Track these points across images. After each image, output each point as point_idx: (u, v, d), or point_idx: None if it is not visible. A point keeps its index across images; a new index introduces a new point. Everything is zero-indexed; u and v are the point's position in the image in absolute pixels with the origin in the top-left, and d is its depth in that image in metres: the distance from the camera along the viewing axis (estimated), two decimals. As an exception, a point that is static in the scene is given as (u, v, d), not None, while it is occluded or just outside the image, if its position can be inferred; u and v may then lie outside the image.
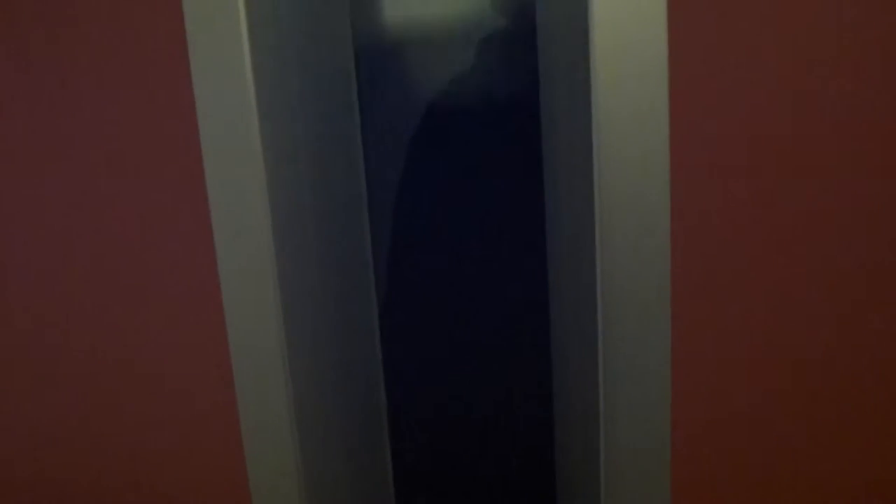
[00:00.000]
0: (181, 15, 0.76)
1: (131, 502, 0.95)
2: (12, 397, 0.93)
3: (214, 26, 0.74)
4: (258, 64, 0.77)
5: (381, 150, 1.12)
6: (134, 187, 0.84)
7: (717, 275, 0.78)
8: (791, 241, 0.77)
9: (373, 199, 1.15)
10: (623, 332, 0.78)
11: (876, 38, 0.72)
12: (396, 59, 1.09)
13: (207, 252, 0.83)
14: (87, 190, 0.85)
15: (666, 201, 0.75)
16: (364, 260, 1.12)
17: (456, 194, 1.14)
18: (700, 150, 0.75)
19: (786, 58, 0.73)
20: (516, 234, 1.15)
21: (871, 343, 0.79)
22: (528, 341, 1.18)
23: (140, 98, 0.81)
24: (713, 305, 0.79)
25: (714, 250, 0.77)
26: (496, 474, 1.24)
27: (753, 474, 0.83)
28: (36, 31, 0.81)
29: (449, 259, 1.17)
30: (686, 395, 0.81)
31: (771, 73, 0.73)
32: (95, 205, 0.86)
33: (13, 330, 0.91)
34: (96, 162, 0.84)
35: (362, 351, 1.12)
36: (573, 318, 0.91)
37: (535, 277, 1.16)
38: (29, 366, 0.92)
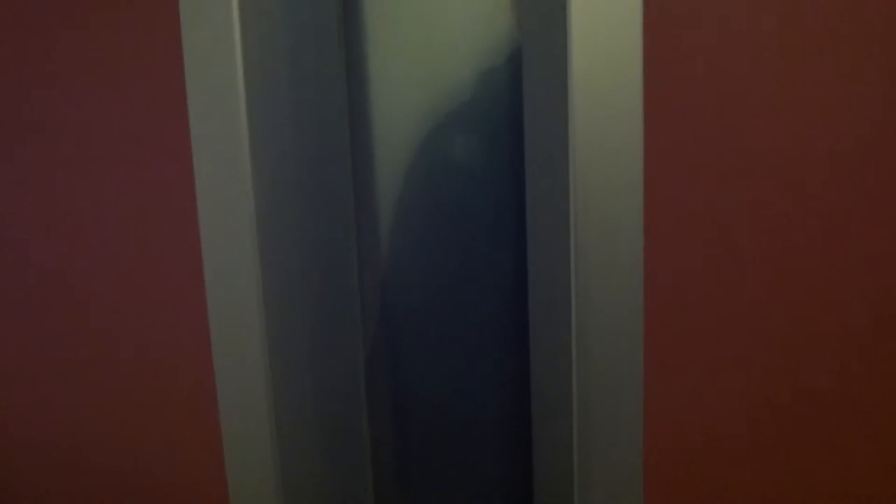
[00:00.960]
0: (177, 13, 0.75)
1: (109, 501, 0.93)
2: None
3: (208, 27, 0.73)
4: (249, 65, 0.76)
5: (370, 154, 1.12)
6: (123, 184, 0.82)
7: (690, 277, 0.80)
8: (767, 245, 0.79)
9: (359, 204, 1.14)
10: (595, 335, 0.80)
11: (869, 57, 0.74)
12: (387, 65, 1.09)
13: (194, 253, 0.82)
14: (75, 188, 0.83)
15: (639, 213, 0.77)
16: (349, 263, 1.12)
17: (443, 199, 1.15)
18: (674, 153, 0.77)
19: (766, 53, 0.75)
20: (504, 239, 1.17)
21: (852, 349, 0.81)
22: (511, 344, 1.20)
23: (132, 97, 0.79)
24: (686, 307, 0.81)
25: (688, 253, 0.79)
26: (476, 475, 1.26)
27: (725, 475, 0.86)
28: (29, 30, 0.79)
29: (434, 262, 1.17)
30: (658, 398, 0.83)
31: (748, 72, 0.75)
32: (83, 202, 0.84)
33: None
34: (84, 160, 0.82)
35: (344, 351, 1.12)
36: (549, 319, 0.94)
37: (520, 281, 1.18)
38: (4, 360, 0.90)
